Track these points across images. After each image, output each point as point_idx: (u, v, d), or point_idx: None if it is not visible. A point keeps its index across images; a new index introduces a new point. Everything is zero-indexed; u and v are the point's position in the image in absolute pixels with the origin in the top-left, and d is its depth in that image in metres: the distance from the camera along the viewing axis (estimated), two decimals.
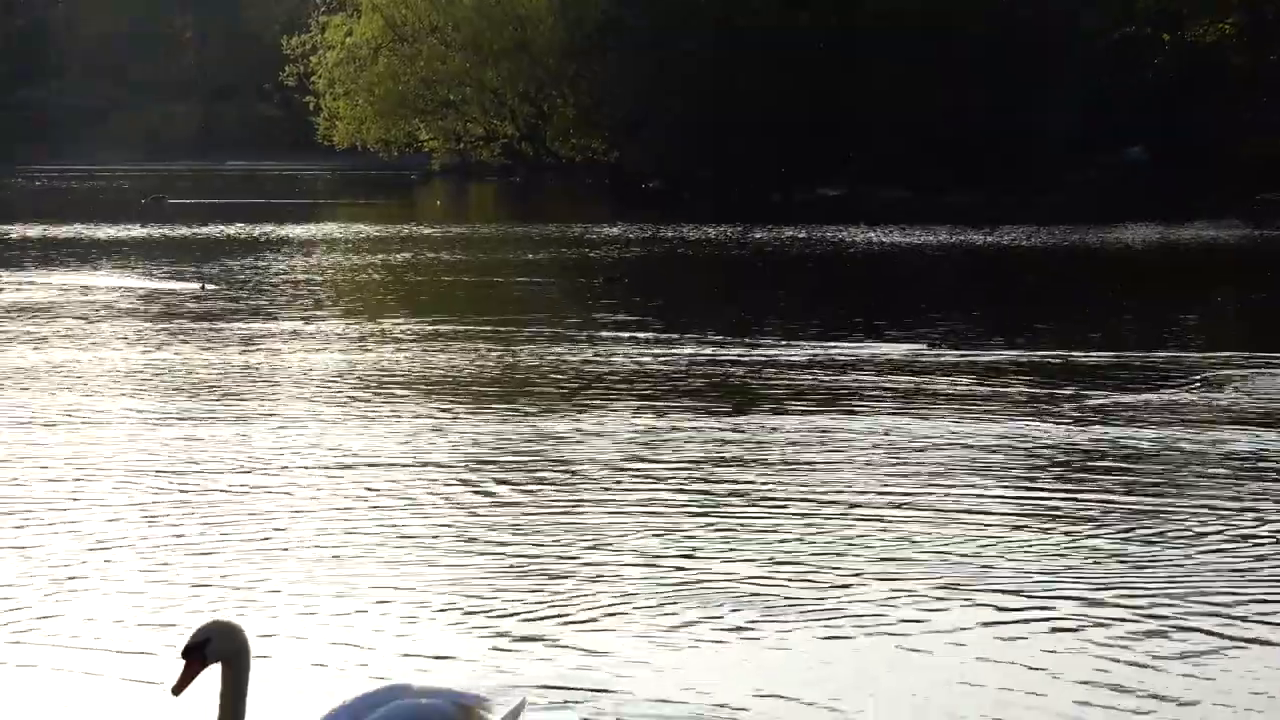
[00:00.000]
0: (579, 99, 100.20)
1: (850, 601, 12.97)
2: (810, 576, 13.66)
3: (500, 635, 12.07)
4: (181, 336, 30.59)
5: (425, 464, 18.31)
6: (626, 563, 14.06)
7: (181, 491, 16.87)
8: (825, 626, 12.32)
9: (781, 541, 14.80)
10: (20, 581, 13.37)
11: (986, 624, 12.39)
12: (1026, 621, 12.48)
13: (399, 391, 23.89)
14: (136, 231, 60.33)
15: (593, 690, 10.88)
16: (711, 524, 15.50)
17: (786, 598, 13.07)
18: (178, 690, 8.22)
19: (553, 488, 17.12)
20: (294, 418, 21.46)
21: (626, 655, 11.64)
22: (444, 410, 22.12)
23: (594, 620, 12.46)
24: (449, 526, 15.40)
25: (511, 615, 12.55)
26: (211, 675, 8.23)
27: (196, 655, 8.22)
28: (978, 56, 77.46)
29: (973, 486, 17.17)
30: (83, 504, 16.28)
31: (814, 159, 78.24)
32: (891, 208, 65.50)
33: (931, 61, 77.71)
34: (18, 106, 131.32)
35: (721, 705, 10.59)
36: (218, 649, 8.19)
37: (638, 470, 17.98)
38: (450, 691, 8.85)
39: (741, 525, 15.45)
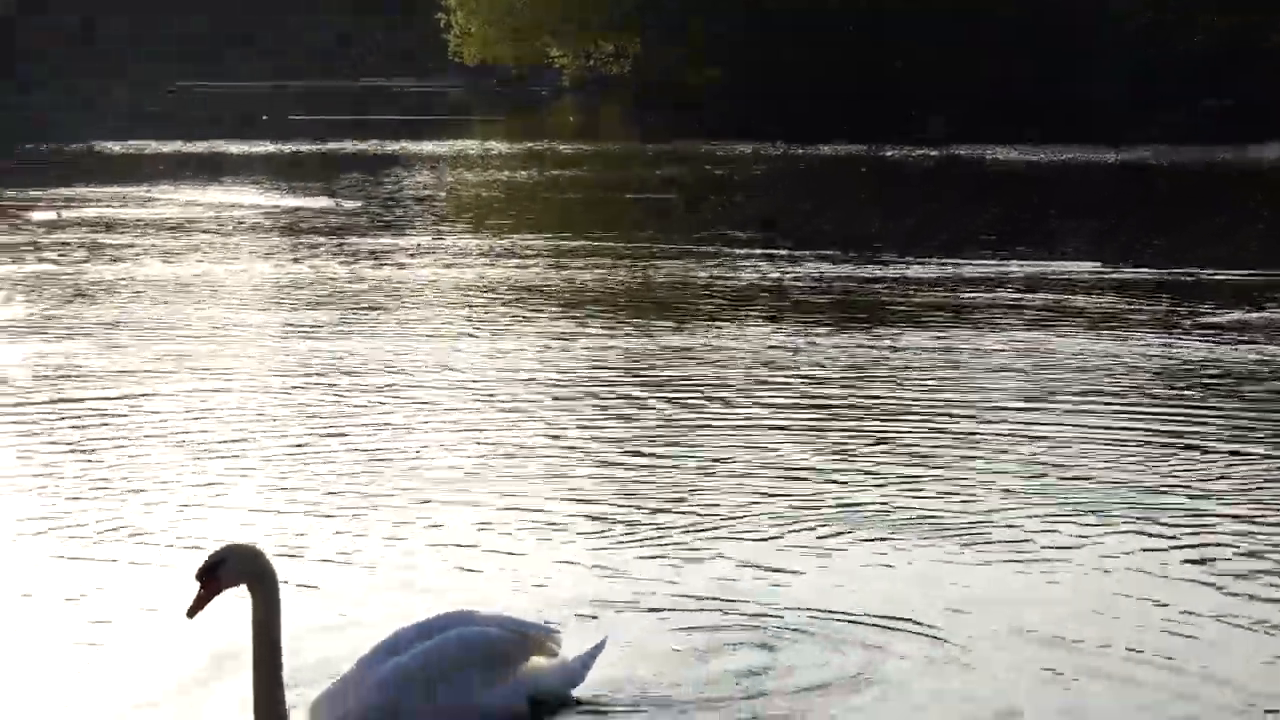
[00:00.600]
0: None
1: (982, 517, 12.77)
2: (941, 491, 13.50)
3: (625, 550, 11.96)
4: (314, 251, 30.74)
5: (552, 377, 18.30)
6: (755, 477, 13.94)
7: (310, 402, 16.95)
8: (957, 543, 12.13)
9: (912, 457, 14.66)
10: (151, 488, 13.45)
11: (1120, 542, 12.18)
12: (1163, 539, 12.27)
13: (528, 306, 23.90)
14: (268, 147, 60.69)
15: (727, 602, 10.74)
16: (841, 439, 15.38)
17: (918, 512, 12.92)
18: (191, 612, 8.01)
19: (680, 402, 17.05)
20: (424, 331, 21.52)
21: (755, 569, 11.48)
22: (572, 324, 22.10)
23: (722, 534, 12.34)
24: (575, 440, 15.35)
25: (636, 531, 12.43)
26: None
27: (211, 577, 7.98)
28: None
29: (1106, 404, 16.95)
30: (215, 414, 16.38)
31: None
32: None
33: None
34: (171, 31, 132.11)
35: (855, 619, 10.42)
36: (234, 570, 7.94)
37: (767, 385, 17.89)
38: (513, 619, 8.71)
39: (872, 440, 15.31)
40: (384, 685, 8.07)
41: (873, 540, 12.21)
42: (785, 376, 18.36)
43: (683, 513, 12.88)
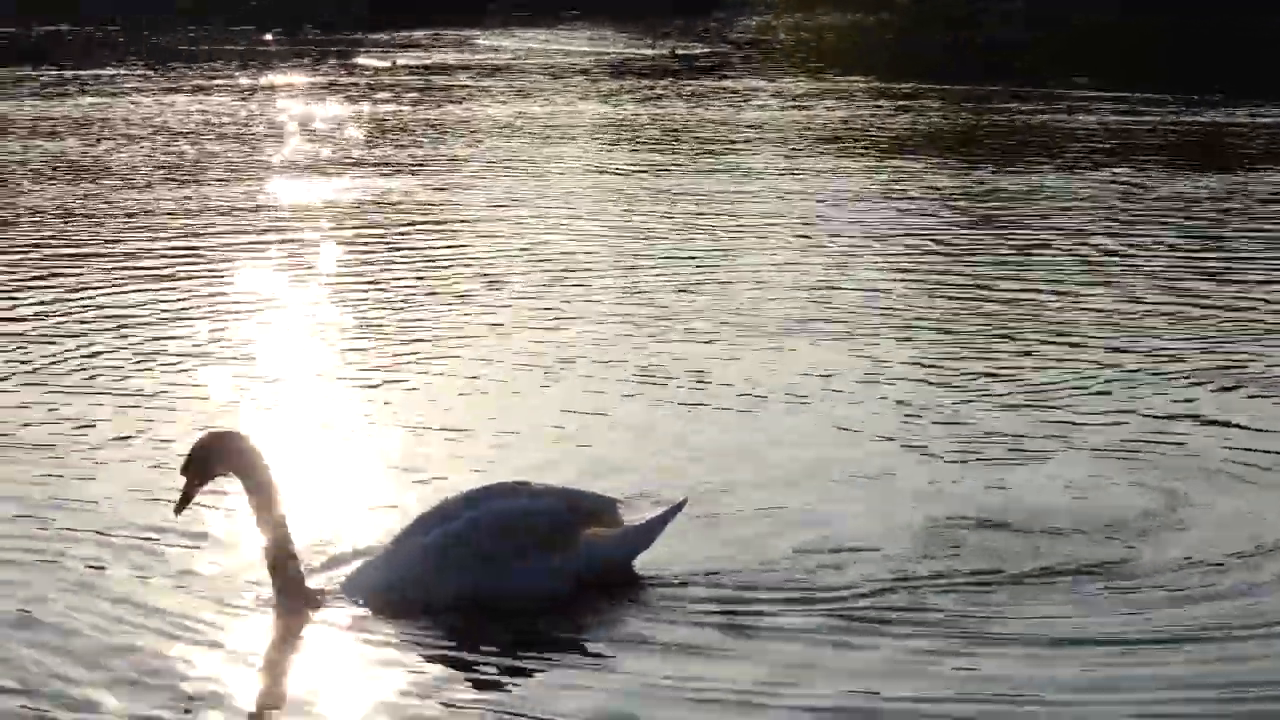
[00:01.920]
0: None
1: None
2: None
3: (950, 395, 11.62)
4: (645, 93, 30.84)
5: (878, 219, 18.06)
6: (1097, 330, 13.45)
7: (637, 236, 16.93)
8: None
9: (1261, 301, 14.10)
10: (463, 315, 13.47)
11: None
12: None
13: (855, 146, 23.74)
14: None
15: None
16: (1185, 282, 14.92)
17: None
18: (178, 509, 7.60)
19: (1008, 242, 16.74)
20: (748, 169, 21.47)
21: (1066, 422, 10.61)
22: (899, 164, 21.90)
23: (1065, 383, 11.54)
24: (899, 283, 15.01)
25: (961, 377, 11.96)
26: None
27: (193, 469, 7.54)
28: None
29: None
30: (542, 245, 16.42)
31: None
32: None
33: None
34: None
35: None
36: (214, 459, 7.50)
37: (1100, 229, 17.49)
38: (570, 491, 8.04)
39: (1218, 282, 14.82)
40: (424, 558, 7.61)
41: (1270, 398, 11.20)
42: (1122, 218, 17.94)
43: (1018, 360, 12.29)
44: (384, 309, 13.85)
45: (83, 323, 13.20)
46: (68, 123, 26.65)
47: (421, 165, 22.00)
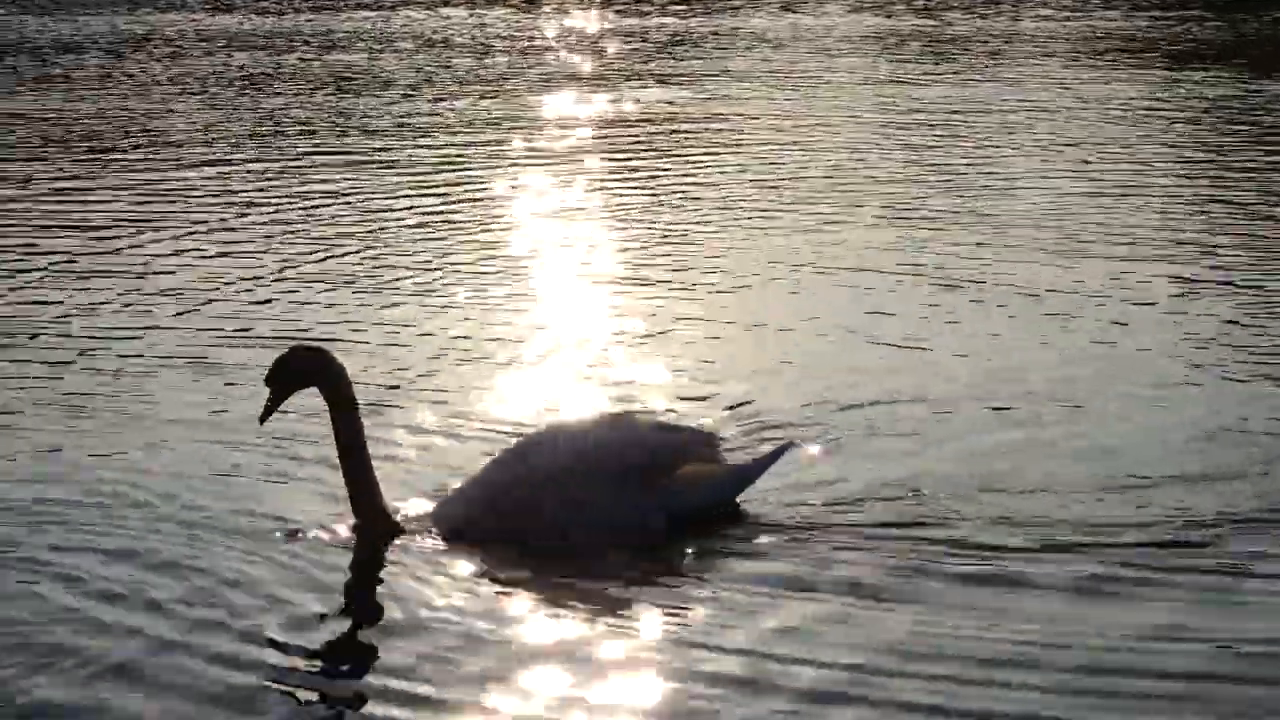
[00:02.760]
0: None
1: None
2: None
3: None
4: (914, 3, 30.69)
5: (1146, 129, 17.89)
6: None
7: (902, 144, 16.93)
8: None
9: None
10: (705, 210, 13.68)
11: None
12: None
13: (1133, 57, 23.46)
14: None
15: None
16: None
17: None
18: (262, 418, 7.47)
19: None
20: (1022, 80, 21.36)
21: None
22: (1176, 74, 21.63)
23: None
24: (1159, 196, 14.76)
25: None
26: None
27: (277, 380, 7.43)
28: None
29: None
30: (806, 156, 16.50)
31: None
32: None
33: None
34: None
35: None
36: (298, 371, 7.35)
37: None
38: (668, 425, 7.86)
39: None
40: (517, 491, 7.37)
41: None
42: None
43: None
44: (649, 219, 13.99)
45: (342, 225, 13.57)
46: (344, 36, 27.22)
47: (690, 78, 22.17)
